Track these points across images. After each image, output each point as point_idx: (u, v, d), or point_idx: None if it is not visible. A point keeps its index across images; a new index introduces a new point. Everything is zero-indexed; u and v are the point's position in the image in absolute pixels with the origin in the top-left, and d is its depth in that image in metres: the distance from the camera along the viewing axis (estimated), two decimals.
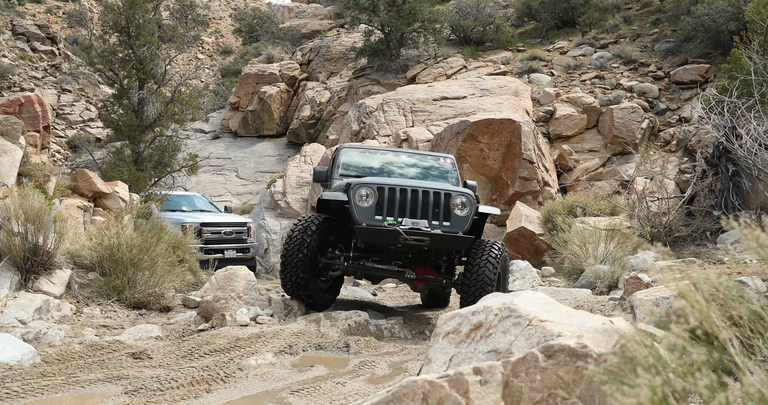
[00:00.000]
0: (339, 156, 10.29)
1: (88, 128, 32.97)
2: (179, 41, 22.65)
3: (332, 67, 32.11)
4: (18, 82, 32.02)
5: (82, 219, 11.13)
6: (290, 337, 7.75)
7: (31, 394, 5.24)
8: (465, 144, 17.57)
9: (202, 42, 49.26)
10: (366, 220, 8.23)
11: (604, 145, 20.97)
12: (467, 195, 8.45)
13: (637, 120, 20.93)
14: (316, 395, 5.43)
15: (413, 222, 8.19)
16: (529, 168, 17.43)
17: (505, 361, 2.81)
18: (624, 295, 8.01)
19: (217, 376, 5.95)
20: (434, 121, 20.63)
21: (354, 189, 8.35)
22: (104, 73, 19.91)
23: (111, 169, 18.00)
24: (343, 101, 27.94)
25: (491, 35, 29.56)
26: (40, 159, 11.75)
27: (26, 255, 8.80)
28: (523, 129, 17.53)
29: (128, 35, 19.26)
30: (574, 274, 11.66)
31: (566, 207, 15.10)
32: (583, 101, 21.72)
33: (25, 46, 35.16)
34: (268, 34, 40.48)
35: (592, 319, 3.57)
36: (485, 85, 22.78)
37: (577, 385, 2.64)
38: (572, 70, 25.18)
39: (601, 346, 2.70)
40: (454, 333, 3.76)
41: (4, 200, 9.11)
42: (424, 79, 26.47)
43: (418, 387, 2.76)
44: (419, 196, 8.35)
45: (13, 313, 8.04)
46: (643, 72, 24.05)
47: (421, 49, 28.48)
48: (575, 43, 27.71)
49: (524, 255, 14.76)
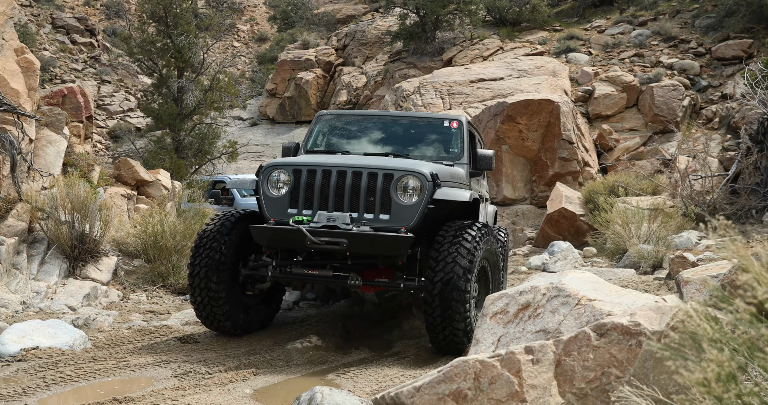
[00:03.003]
0: (314, 125, 8.15)
1: (128, 118, 33.34)
2: (216, 29, 22.77)
3: (368, 51, 32.03)
4: (59, 75, 32.46)
5: (126, 207, 11.29)
6: (334, 320, 7.81)
7: (83, 378, 5.34)
8: (503, 125, 17.44)
9: (238, 30, 49.44)
10: (276, 215, 6.34)
11: (644, 123, 20.66)
12: (418, 175, 6.20)
13: (678, 98, 20.58)
14: (362, 377, 5.47)
15: (329, 217, 6.18)
16: (569, 148, 17.26)
17: (556, 340, 2.80)
18: (670, 274, 7.91)
19: (263, 359, 6.02)
20: (472, 103, 20.50)
21: (264, 173, 6.51)
22: (143, 62, 20.13)
23: (152, 157, 18.23)
24: (380, 85, 27.87)
25: (527, 15, 29.19)
26: (83, 149, 11.92)
27: (73, 243, 8.97)
28: (562, 109, 17.35)
29: (166, 25, 19.42)
30: (617, 254, 11.54)
31: (607, 187, 14.92)
32: (622, 80, 21.40)
33: (65, 39, 35.59)
34: (303, 20, 40.46)
35: (642, 298, 3.53)
36: (522, 66, 22.56)
37: (630, 363, 2.61)
38: (610, 49, 24.80)
39: (655, 324, 2.67)
40: (502, 313, 3.75)
41: (51, 190, 9.27)
42: (461, 62, 26.29)
43: (469, 366, 2.76)
44: (347, 180, 6.25)
45: (62, 299, 8.21)
46: (683, 49, 23.61)
47: (457, 31, 28.25)
48: (613, 21, 27.26)
49: (565, 236, 14.64)
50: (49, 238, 9.00)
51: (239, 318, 6.70)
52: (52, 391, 5.01)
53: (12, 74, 9.72)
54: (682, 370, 1.41)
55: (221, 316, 6.57)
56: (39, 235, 9.05)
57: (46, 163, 9.84)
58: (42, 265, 8.73)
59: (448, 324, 5.89)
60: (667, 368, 2.29)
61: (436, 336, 6.03)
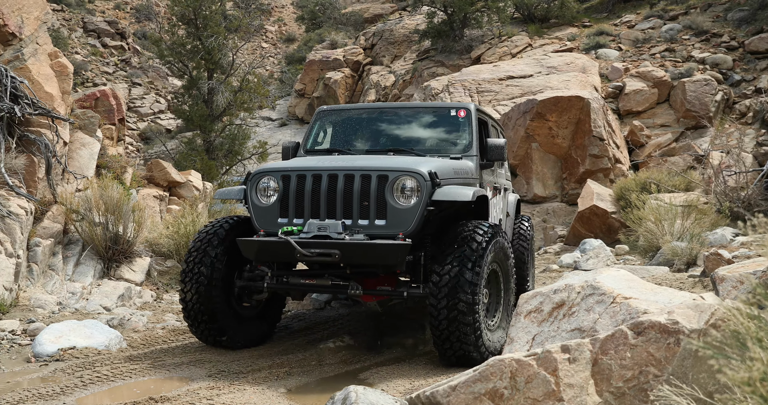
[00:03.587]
0: (314, 122, 7.67)
1: (159, 120, 33.68)
2: (245, 31, 22.92)
3: (396, 50, 32.03)
4: (90, 78, 32.87)
5: (159, 208, 11.40)
6: (366, 319, 7.82)
7: (120, 377, 5.41)
8: (533, 123, 17.34)
9: (266, 31, 49.69)
10: (266, 226, 5.94)
11: (676, 119, 20.42)
12: (415, 175, 5.68)
13: (711, 92, 20.30)
14: (395, 376, 5.47)
15: (320, 226, 5.72)
16: (600, 145, 17.11)
17: (593, 338, 2.78)
18: (704, 271, 7.82)
19: (296, 359, 6.05)
20: (501, 100, 20.41)
21: (252, 181, 6.10)
22: (174, 65, 20.32)
23: (184, 158, 18.40)
24: (408, 84, 27.85)
25: (556, 11, 28.98)
26: (116, 151, 12.06)
27: (107, 244, 9.08)
28: (592, 106, 17.20)
29: (196, 27, 19.59)
30: (650, 251, 11.42)
31: (639, 184, 14.77)
32: (653, 75, 21.17)
33: (96, 43, 36.04)
34: (331, 20, 40.58)
35: (679, 296, 3.50)
36: (551, 63, 22.41)
37: (669, 362, 2.59)
38: (641, 44, 24.55)
39: (693, 323, 2.64)
40: (536, 312, 3.73)
41: (85, 192, 9.40)
42: (489, 59, 26.18)
43: (505, 365, 2.75)
44: (339, 184, 5.77)
45: (97, 300, 8.31)
46: (715, 43, 23.29)
47: (485, 28, 28.13)
48: (643, 16, 26.98)
49: (597, 234, 14.52)
50: (83, 240, 9.12)
51: (236, 332, 6.32)
52: (89, 391, 5.08)
53: (46, 78, 9.86)
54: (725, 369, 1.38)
55: (215, 331, 6.22)
56: (74, 237, 9.18)
57: (80, 165, 9.97)
58: (77, 266, 8.85)
59: (456, 336, 5.46)
60: (708, 367, 2.26)
61: (443, 348, 5.59)
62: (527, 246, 8.86)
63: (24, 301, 7.69)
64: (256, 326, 6.59)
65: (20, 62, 9.60)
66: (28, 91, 9.08)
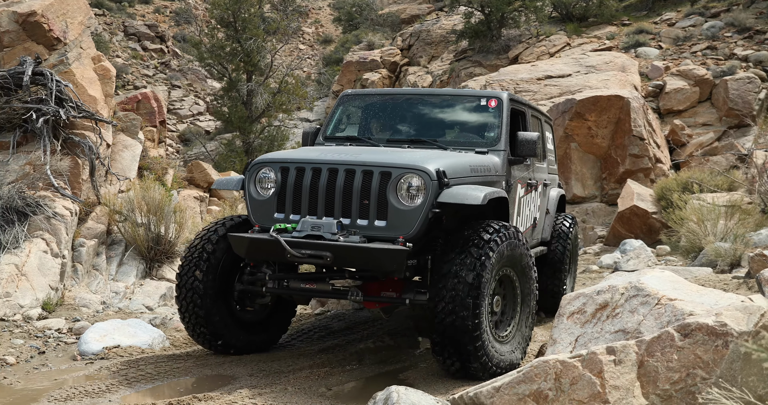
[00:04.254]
0: (336, 107, 7.12)
1: (198, 122, 34.05)
2: (282, 33, 23.08)
3: (433, 50, 31.98)
4: (131, 81, 33.35)
5: (199, 209, 11.54)
6: (405, 319, 7.82)
7: (164, 376, 5.49)
8: (572, 123, 17.19)
9: (303, 32, 49.98)
10: (262, 221, 5.51)
11: (718, 118, 20.11)
12: (420, 174, 5.16)
13: (754, 90, 19.95)
14: (436, 376, 5.46)
15: (313, 225, 5.24)
16: (640, 145, 16.91)
17: (638, 340, 2.75)
18: (749, 272, 7.69)
19: (336, 358, 6.07)
20: (539, 100, 20.28)
21: (251, 171, 5.66)
22: (213, 67, 20.54)
23: (223, 159, 18.61)
24: (445, 84, 27.80)
25: (594, 10, 28.70)
26: (157, 153, 12.24)
27: (150, 244, 9.22)
28: (632, 105, 17.01)
29: (235, 29, 19.79)
30: (692, 252, 11.25)
31: (680, 184, 14.56)
32: (694, 73, 20.86)
33: (136, 46, 36.57)
34: (368, 22, 40.65)
35: (725, 297, 3.45)
36: (590, 62, 22.20)
37: (717, 364, 2.55)
38: (681, 42, 24.21)
39: (742, 325, 2.60)
40: (579, 313, 3.71)
41: (127, 193, 9.55)
42: (527, 59, 26.01)
43: (549, 367, 2.74)
44: (338, 180, 5.30)
45: (140, 299, 8.44)
46: (758, 40, 22.88)
47: (523, 28, 27.96)
48: (684, 14, 26.60)
49: (637, 234, 14.35)
50: (126, 240, 9.27)
51: (233, 337, 5.97)
52: (134, 389, 5.16)
53: (90, 82, 10.04)
54: None
55: (209, 335, 5.89)
56: (117, 237, 9.34)
57: (123, 167, 10.13)
58: (120, 266, 9.00)
59: (456, 347, 5.05)
60: (759, 370, 2.23)
61: (443, 358, 5.19)
62: (566, 246, 8.23)
63: (69, 300, 7.84)
64: (259, 332, 6.24)
65: (65, 66, 9.79)
66: (72, 95, 9.26)
